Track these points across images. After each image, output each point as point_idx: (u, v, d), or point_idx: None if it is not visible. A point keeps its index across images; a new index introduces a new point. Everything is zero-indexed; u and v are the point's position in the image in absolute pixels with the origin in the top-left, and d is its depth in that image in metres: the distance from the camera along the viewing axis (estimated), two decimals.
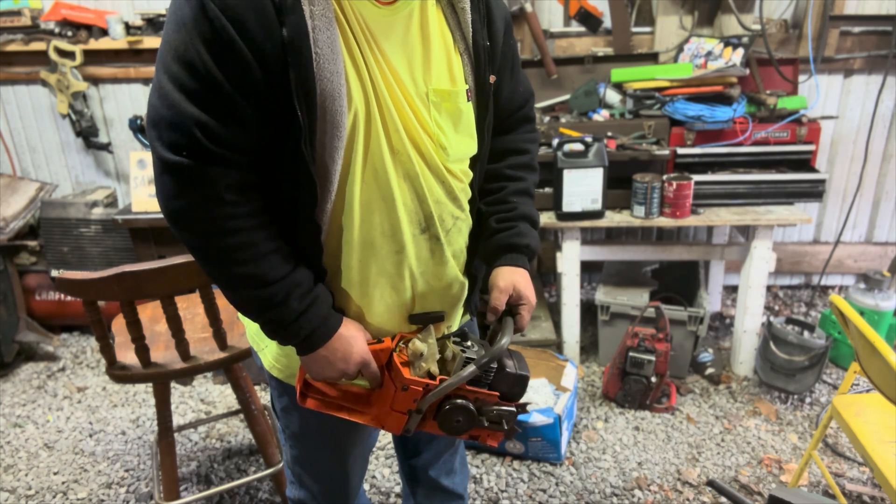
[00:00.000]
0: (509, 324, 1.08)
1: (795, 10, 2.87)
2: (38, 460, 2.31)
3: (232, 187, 0.91)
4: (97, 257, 2.98)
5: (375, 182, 0.98)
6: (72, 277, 1.50)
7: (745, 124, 2.47)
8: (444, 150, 1.02)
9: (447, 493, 1.48)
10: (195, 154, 0.87)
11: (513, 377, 1.05)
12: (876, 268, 3.12)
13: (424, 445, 1.42)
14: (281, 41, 0.86)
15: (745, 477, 2.12)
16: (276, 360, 1.16)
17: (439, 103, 1.01)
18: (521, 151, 1.22)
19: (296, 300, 0.97)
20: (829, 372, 2.68)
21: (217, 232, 0.92)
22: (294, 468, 1.32)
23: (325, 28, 0.88)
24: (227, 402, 2.59)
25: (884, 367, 1.47)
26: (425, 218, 1.05)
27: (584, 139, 2.38)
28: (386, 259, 1.04)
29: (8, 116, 3.19)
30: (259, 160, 0.94)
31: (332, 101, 0.89)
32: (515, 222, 1.15)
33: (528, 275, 1.15)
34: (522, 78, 1.21)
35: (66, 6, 2.89)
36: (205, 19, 0.84)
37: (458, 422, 1.04)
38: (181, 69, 0.86)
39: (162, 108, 0.87)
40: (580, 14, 2.86)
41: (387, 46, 0.95)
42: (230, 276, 0.96)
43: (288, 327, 0.99)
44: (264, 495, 2.09)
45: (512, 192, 1.18)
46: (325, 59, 0.88)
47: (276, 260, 0.96)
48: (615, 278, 2.81)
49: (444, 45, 1.02)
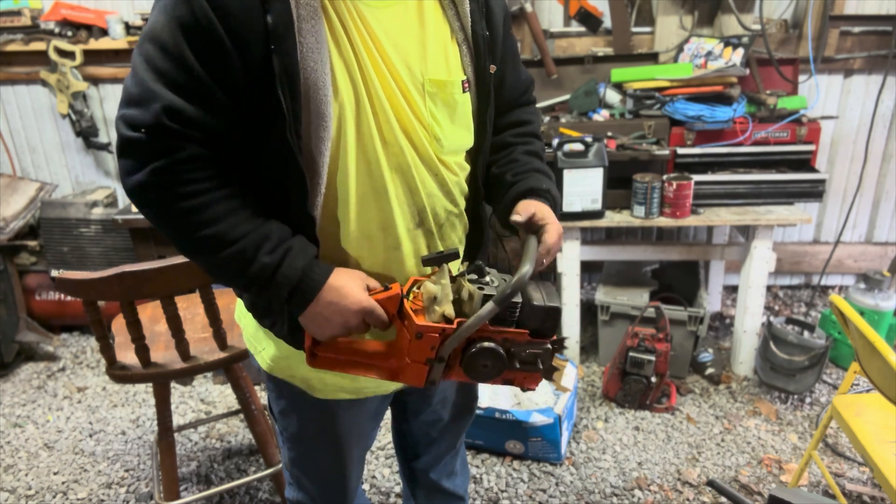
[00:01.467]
0: (531, 248, 0.97)
1: (795, 10, 2.87)
2: (38, 460, 2.31)
3: (188, 159, 0.89)
4: (97, 257, 2.98)
5: (368, 174, 0.98)
6: (72, 277, 1.50)
7: (745, 124, 2.47)
8: (438, 142, 1.01)
9: (448, 494, 1.48)
10: (153, 131, 0.86)
11: (541, 310, 0.94)
12: (876, 268, 3.12)
13: (424, 448, 1.41)
14: (265, 29, 0.86)
15: (745, 477, 2.12)
16: (275, 362, 1.14)
17: (435, 93, 1.00)
18: (524, 122, 1.20)
19: (266, 254, 0.92)
20: (829, 372, 2.68)
21: (173, 198, 0.90)
22: (292, 470, 1.31)
23: (310, 17, 0.88)
24: (227, 402, 2.59)
25: (884, 367, 1.47)
26: (418, 212, 1.04)
27: (584, 139, 2.37)
28: (382, 255, 1.03)
29: (8, 116, 3.19)
30: (233, 147, 0.93)
31: (315, 90, 0.89)
32: (529, 173, 1.11)
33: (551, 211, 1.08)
34: (522, 67, 1.21)
35: (66, 6, 2.89)
36: (186, 3, 0.84)
37: (485, 366, 0.95)
38: (154, 49, 0.86)
39: (131, 87, 0.88)
40: (580, 14, 2.86)
41: (382, 36, 0.94)
42: (196, 243, 0.93)
43: (267, 287, 0.94)
44: (264, 495, 2.09)
45: (522, 153, 1.15)
46: (308, 48, 0.88)
47: (240, 217, 0.93)
48: (615, 278, 2.81)
49: (441, 35, 1.02)
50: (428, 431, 1.37)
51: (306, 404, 1.17)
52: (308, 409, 1.19)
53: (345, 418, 1.21)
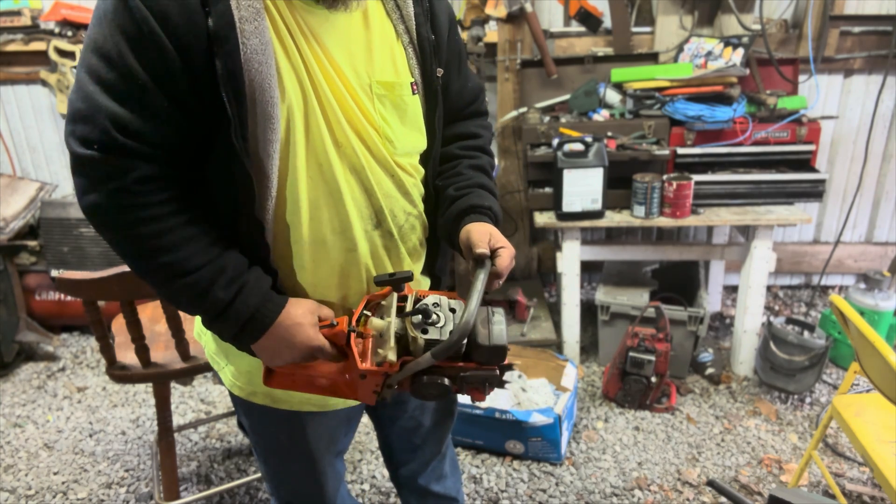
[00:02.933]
0: (479, 284, 0.96)
1: (795, 10, 2.87)
2: (38, 460, 2.31)
3: (144, 179, 0.88)
4: (97, 257, 2.98)
5: (321, 177, 0.96)
6: (72, 277, 1.50)
7: (745, 124, 2.47)
8: (390, 143, 1.01)
9: (439, 497, 1.47)
10: (105, 147, 0.85)
11: (486, 349, 0.95)
12: (876, 268, 3.12)
13: (408, 455, 1.40)
14: (206, 31, 0.84)
15: (745, 477, 2.12)
16: (236, 379, 1.13)
17: (383, 95, 0.99)
18: (472, 136, 1.20)
19: (220, 289, 0.93)
20: (829, 372, 2.68)
21: (131, 223, 0.89)
22: (270, 482, 1.30)
23: (253, 18, 0.86)
24: (227, 402, 2.59)
25: (884, 367, 1.47)
26: (376, 213, 1.03)
27: (584, 139, 2.38)
28: (339, 258, 1.02)
29: (8, 116, 3.19)
30: (182, 158, 0.91)
31: (261, 91, 0.88)
32: (472, 188, 1.11)
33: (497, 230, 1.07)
34: (470, 74, 1.20)
35: (66, 6, 2.89)
36: (125, 10, 0.82)
37: (431, 393, 0.98)
38: (98, 61, 0.84)
39: (77, 101, 0.86)
40: (580, 14, 2.86)
41: (326, 38, 0.93)
42: (152, 268, 0.92)
43: (221, 315, 0.95)
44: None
45: (466, 167, 1.15)
46: (252, 50, 0.86)
47: (198, 246, 0.92)
48: (615, 278, 2.81)
49: (387, 37, 1.01)
50: (409, 438, 1.36)
51: (274, 418, 1.16)
52: (276, 422, 1.18)
53: (314, 428, 1.19)
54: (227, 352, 1.13)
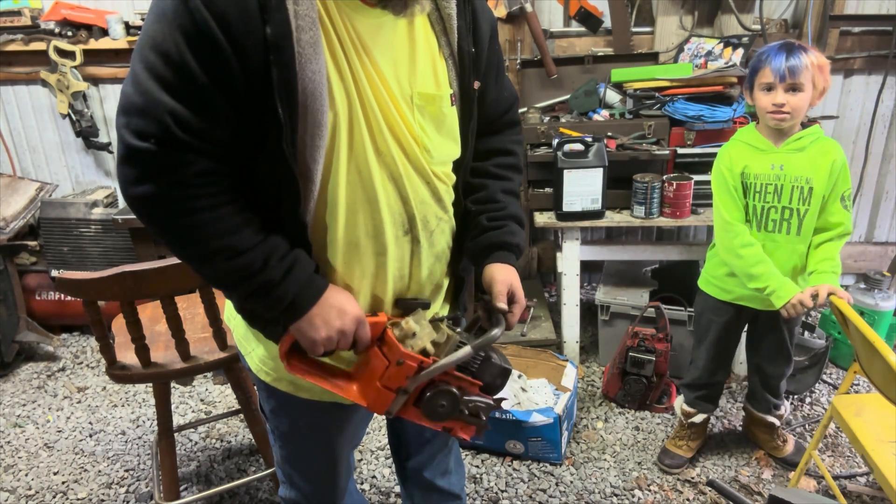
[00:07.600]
0: (500, 319, 1.09)
1: (795, 10, 2.87)
2: (38, 460, 2.31)
3: (202, 173, 0.90)
4: (97, 257, 2.98)
5: (360, 182, 0.99)
6: (72, 277, 1.50)
7: (745, 124, 2.46)
8: (427, 152, 1.03)
9: (443, 493, 1.48)
10: (163, 142, 0.87)
11: (497, 368, 1.06)
12: (876, 268, 3.12)
13: (417, 448, 1.42)
14: (263, 39, 0.86)
15: (745, 477, 2.12)
16: (264, 363, 1.15)
17: (423, 106, 1.02)
18: (507, 152, 1.24)
19: (275, 262, 0.96)
20: (829, 372, 2.68)
21: (183, 212, 0.91)
22: (284, 468, 1.32)
23: (309, 28, 0.88)
24: (227, 402, 2.59)
25: (884, 367, 1.47)
26: (409, 219, 1.05)
27: (584, 139, 2.38)
28: (370, 262, 1.05)
29: (8, 116, 3.19)
30: (233, 155, 0.93)
31: (313, 99, 0.89)
32: (505, 221, 1.17)
33: (517, 275, 1.17)
34: (507, 83, 1.23)
35: (66, 6, 2.89)
36: (186, 11, 0.84)
37: (441, 406, 1.04)
38: (157, 58, 0.85)
39: (134, 96, 0.87)
40: (580, 14, 2.86)
41: (373, 49, 0.96)
42: (203, 252, 0.95)
43: (271, 293, 0.97)
44: (264, 495, 2.09)
45: (500, 191, 1.19)
46: (306, 59, 0.88)
47: (248, 231, 0.95)
48: (615, 278, 2.81)
49: (430, 49, 1.03)
50: (421, 431, 1.38)
51: (296, 404, 1.18)
52: (298, 408, 1.20)
53: (335, 417, 1.22)
54: (257, 335, 1.14)
